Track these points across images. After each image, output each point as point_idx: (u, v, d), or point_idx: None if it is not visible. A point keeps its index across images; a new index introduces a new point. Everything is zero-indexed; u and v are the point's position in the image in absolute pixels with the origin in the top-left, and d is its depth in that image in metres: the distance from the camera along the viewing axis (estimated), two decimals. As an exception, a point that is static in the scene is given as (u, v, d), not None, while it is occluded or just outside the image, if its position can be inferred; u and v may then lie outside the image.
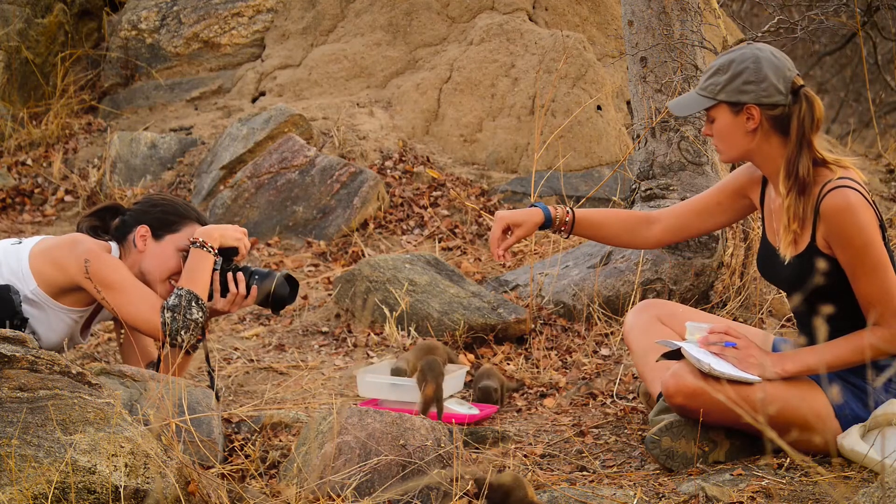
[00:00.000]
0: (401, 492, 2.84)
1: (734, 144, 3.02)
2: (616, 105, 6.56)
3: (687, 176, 4.71)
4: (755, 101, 2.95)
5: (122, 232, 3.59)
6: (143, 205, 3.63)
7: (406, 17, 6.97)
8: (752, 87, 2.94)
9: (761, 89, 2.94)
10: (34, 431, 2.50)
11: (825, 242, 2.93)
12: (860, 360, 2.92)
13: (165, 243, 3.55)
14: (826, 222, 2.91)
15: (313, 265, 5.50)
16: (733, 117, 2.99)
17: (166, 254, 3.54)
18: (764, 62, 2.94)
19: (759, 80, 2.94)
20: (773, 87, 2.94)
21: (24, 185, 6.44)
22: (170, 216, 3.58)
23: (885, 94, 10.12)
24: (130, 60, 7.28)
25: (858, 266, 2.90)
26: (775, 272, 3.09)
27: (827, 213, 2.90)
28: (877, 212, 2.94)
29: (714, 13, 5.14)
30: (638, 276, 4.53)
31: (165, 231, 3.55)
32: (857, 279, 2.91)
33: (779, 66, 2.95)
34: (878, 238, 2.91)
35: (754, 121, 2.97)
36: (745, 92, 2.95)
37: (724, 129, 3.01)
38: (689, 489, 2.77)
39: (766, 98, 2.94)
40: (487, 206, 5.96)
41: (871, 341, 2.89)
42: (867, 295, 2.91)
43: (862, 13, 6.76)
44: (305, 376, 4.13)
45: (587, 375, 4.05)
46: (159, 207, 3.60)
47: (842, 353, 2.93)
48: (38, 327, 3.48)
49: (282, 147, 6.11)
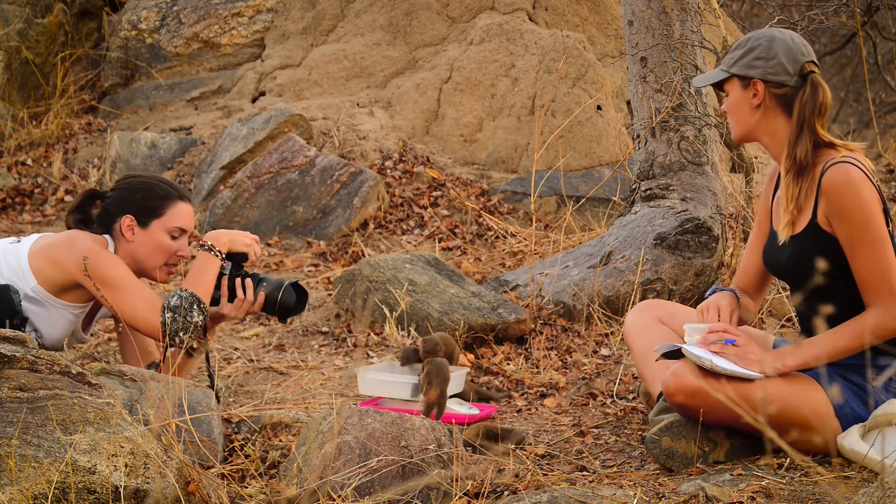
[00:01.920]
0: (401, 492, 2.84)
1: (740, 120, 3.08)
2: (616, 105, 6.56)
3: (687, 176, 4.71)
4: (761, 77, 3.01)
5: (107, 222, 3.55)
6: (123, 191, 3.57)
7: (406, 17, 6.97)
8: (761, 63, 3.01)
9: (769, 66, 3.00)
10: (34, 431, 2.50)
11: (825, 219, 2.94)
12: (860, 346, 2.91)
13: (153, 229, 3.53)
14: (826, 196, 2.92)
15: (313, 265, 5.50)
16: (742, 91, 3.06)
17: (155, 240, 3.53)
18: (777, 42, 3.01)
19: (768, 57, 3.00)
20: (780, 66, 3.00)
21: (24, 185, 6.44)
22: (152, 201, 3.54)
23: (885, 94, 10.13)
24: (130, 60, 7.28)
25: (857, 242, 2.90)
26: (776, 257, 3.09)
27: (827, 188, 2.92)
28: (880, 194, 2.94)
29: (714, 13, 5.14)
30: (638, 276, 4.52)
31: (150, 217, 3.53)
32: (855, 256, 2.91)
33: (792, 48, 3.01)
34: (879, 214, 2.91)
35: (758, 96, 3.03)
36: (753, 67, 3.02)
37: (733, 104, 3.09)
38: (689, 489, 2.77)
39: (773, 76, 3.01)
40: (487, 206, 5.96)
41: (870, 325, 2.89)
42: (865, 273, 2.90)
43: (862, 13, 6.77)
44: (305, 376, 4.13)
45: (587, 375, 4.05)
46: (140, 194, 3.55)
47: (841, 342, 2.92)
48: (40, 324, 3.48)
49: (282, 147, 6.11)
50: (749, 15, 10.83)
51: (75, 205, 3.63)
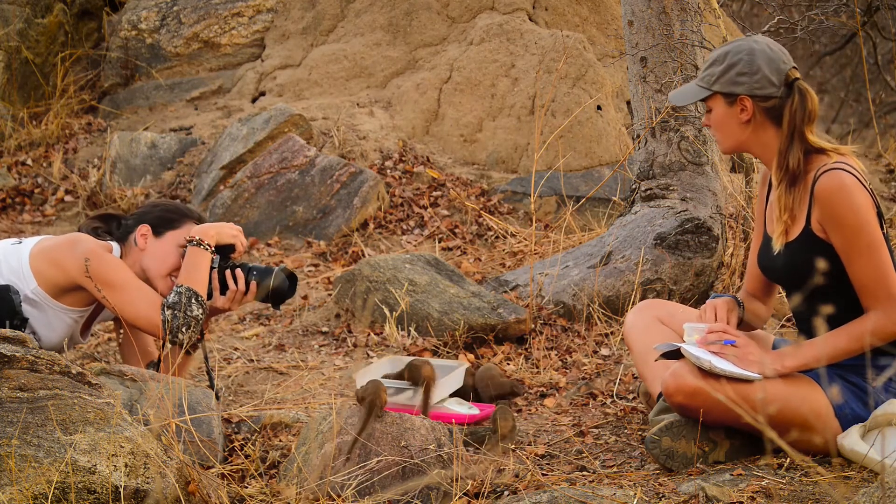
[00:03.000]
0: (401, 492, 2.84)
1: (729, 135, 3.06)
2: (616, 105, 6.56)
3: (687, 176, 4.71)
4: (748, 93, 2.98)
5: (124, 233, 3.63)
6: (145, 207, 3.71)
7: (406, 17, 6.97)
8: (746, 79, 2.98)
9: (754, 81, 2.97)
10: (34, 431, 2.50)
11: (819, 226, 2.94)
12: (859, 349, 2.91)
13: (166, 240, 3.58)
14: (820, 204, 2.92)
15: (313, 265, 5.50)
16: (728, 108, 3.02)
17: (167, 250, 3.57)
18: (758, 54, 2.97)
19: (752, 71, 2.97)
20: (765, 78, 2.97)
21: (24, 185, 6.44)
22: (170, 214, 3.63)
23: (885, 94, 10.12)
24: (130, 60, 7.28)
25: (853, 248, 2.89)
26: (771, 263, 3.09)
27: (820, 195, 2.91)
28: (874, 199, 2.94)
29: (714, 13, 5.14)
30: (638, 276, 4.52)
31: (166, 228, 3.59)
32: (851, 262, 2.91)
33: (773, 58, 2.98)
34: (873, 220, 2.91)
35: (747, 112, 3.00)
36: (738, 83, 2.98)
37: (719, 120, 3.05)
38: (689, 489, 2.77)
39: (759, 90, 2.98)
40: (487, 206, 5.96)
41: (868, 328, 2.89)
42: (862, 278, 2.90)
43: (862, 13, 6.77)
44: (305, 376, 4.13)
45: (587, 375, 4.04)
46: (160, 207, 3.67)
47: (840, 344, 2.92)
48: (39, 327, 3.48)
49: (282, 147, 6.11)
50: (749, 15, 10.82)
51: (97, 215, 3.72)
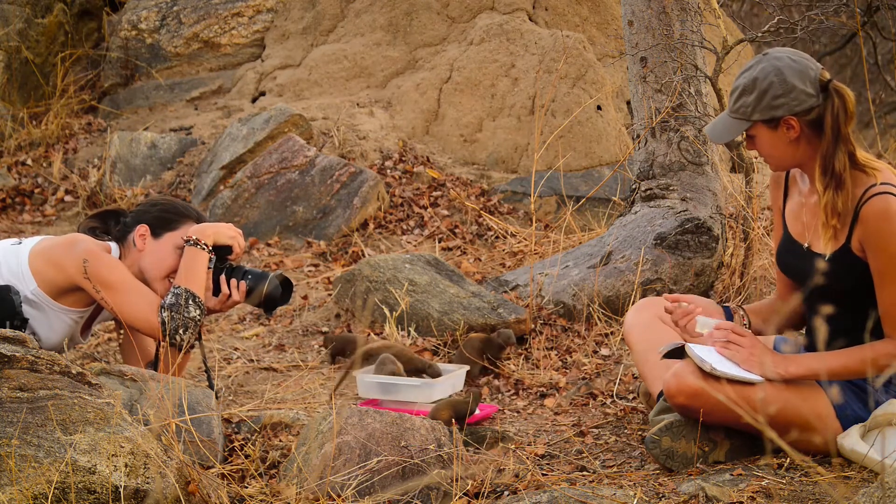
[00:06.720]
0: (401, 492, 2.84)
1: (783, 157, 3.01)
2: (616, 105, 6.56)
3: (687, 176, 4.71)
4: (790, 113, 2.93)
5: (123, 233, 3.62)
6: (144, 205, 3.67)
7: (406, 17, 6.97)
8: (783, 101, 2.92)
9: (791, 99, 2.91)
10: (34, 431, 2.50)
11: (860, 245, 2.93)
12: (864, 373, 2.91)
13: (164, 241, 3.56)
14: (864, 225, 2.90)
15: (313, 265, 5.50)
16: (773, 132, 2.96)
17: (165, 251, 3.55)
18: (786, 71, 2.92)
19: (786, 91, 2.91)
20: (802, 93, 2.92)
21: (24, 185, 6.44)
22: (168, 214, 3.60)
23: (885, 94, 10.12)
24: (130, 60, 7.28)
25: (888, 274, 2.89)
26: (803, 270, 3.07)
27: (867, 217, 2.89)
28: None
29: (714, 13, 5.14)
30: (638, 276, 4.52)
31: (164, 229, 3.57)
32: (883, 287, 2.90)
33: (800, 69, 2.93)
34: None
35: (795, 130, 2.95)
36: (776, 107, 2.92)
37: (767, 146, 3.00)
38: (689, 489, 2.77)
39: (799, 106, 2.92)
40: (487, 206, 5.96)
41: (882, 353, 2.90)
42: (890, 306, 2.90)
43: (862, 13, 6.76)
44: (305, 376, 4.13)
45: (587, 375, 4.04)
46: (158, 206, 3.64)
47: (847, 363, 2.92)
48: (39, 328, 3.48)
49: (282, 147, 6.11)
50: (749, 15, 10.82)
51: (96, 213, 3.69)
